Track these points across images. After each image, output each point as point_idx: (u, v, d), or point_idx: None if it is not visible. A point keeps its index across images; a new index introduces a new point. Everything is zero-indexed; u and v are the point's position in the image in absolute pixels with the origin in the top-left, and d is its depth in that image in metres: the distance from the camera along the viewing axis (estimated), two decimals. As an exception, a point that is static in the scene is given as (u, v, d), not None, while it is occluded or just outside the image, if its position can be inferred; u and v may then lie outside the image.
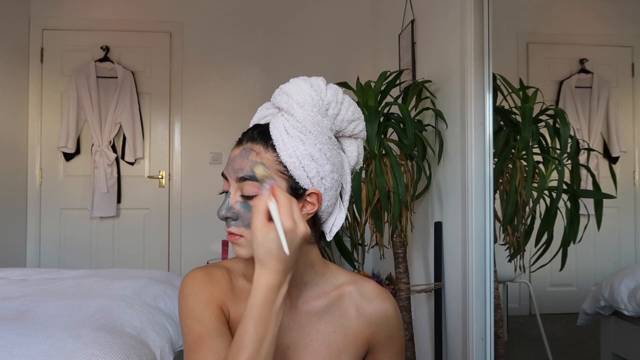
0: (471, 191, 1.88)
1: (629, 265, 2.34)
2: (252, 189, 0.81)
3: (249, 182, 0.82)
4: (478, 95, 1.87)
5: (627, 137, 2.44)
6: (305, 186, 0.84)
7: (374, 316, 0.92)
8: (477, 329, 1.85)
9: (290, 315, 0.89)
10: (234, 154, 0.85)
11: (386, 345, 0.94)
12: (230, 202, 0.83)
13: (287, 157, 0.82)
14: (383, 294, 0.94)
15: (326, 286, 0.92)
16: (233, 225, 0.83)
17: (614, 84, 2.45)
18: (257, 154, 0.83)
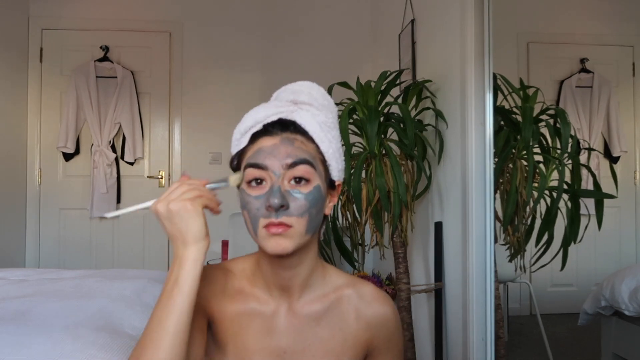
0: (471, 191, 1.87)
1: (629, 265, 2.34)
2: (308, 171, 0.80)
3: (302, 166, 0.80)
4: (478, 95, 1.87)
5: (627, 137, 2.44)
6: (334, 177, 0.88)
7: (373, 319, 0.92)
8: (478, 329, 1.84)
9: (287, 318, 0.88)
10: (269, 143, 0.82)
11: (385, 349, 0.93)
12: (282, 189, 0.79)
13: (327, 147, 0.85)
14: (382, 297, 0.94)
15: (326, 288, 0.91)
16: (284, 215, 0.78)
17: (614, 84, 2.45)
18: (302, 143, 0.83)
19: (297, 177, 0.79)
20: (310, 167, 0.81)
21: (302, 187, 0.80)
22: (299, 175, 0.79)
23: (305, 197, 0.79)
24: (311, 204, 0.80)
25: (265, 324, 0.88)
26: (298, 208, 0.79)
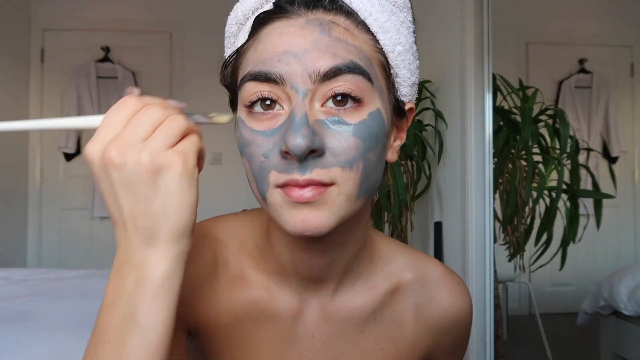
0: (471, 191, 1.88)
1: (628, 265, 2.34)
2: (360, 84, 0.46)
3: (349, 76, 0.46)
4: (478, 95, 1.88)
5: (626, 137, 2.45)
6: (403, 97, 0.54)
7: (440, 321, 0.62)
8: (477, 328, 1.85)
9: (315, 322, 0.58)
10: (287, 32, 0.47)
11: (448, 354, 0.65)
12: (309, 120, 0.45)
13: (394, 40, 0.50)
14: (456, 286, 0.63)
15: (374, 276, 0.60)
16: (317, 166, 0.45)
17: (613, 84, 2.46)
18: (348, 32, 0.48)
19: (340, 94, 0.46)
20: (364, 79, 0.47)
21: (349, 113, 0.46)
22: (343, 91, 0.46)
23: (355, 131, 0.46)
24: (367, 143, 0.46)
25: (281, 330, 0.57)
26: (343, 152, 0.45)
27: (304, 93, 0.45)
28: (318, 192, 0.45)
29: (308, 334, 0.58)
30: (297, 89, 0.45)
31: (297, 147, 0.42)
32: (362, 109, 0.46)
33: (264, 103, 0.46)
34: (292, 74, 0.45)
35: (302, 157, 0.43)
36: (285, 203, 0.46)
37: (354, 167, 0.46)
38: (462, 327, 0.63)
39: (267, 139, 0.46)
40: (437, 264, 0.64)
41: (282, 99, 0.46)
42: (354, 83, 0.46)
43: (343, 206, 0.46)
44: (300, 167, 0.44)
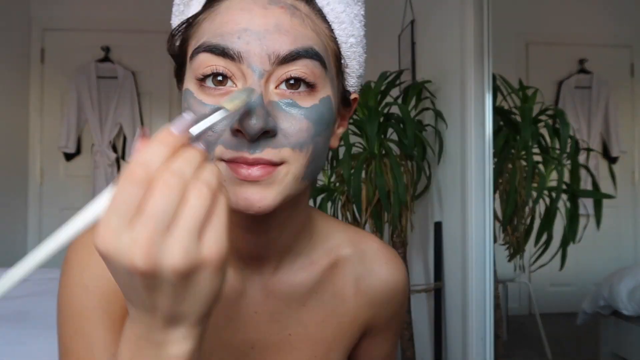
0: (471, 191, 1.88)
1: (628, 265, 2.34)
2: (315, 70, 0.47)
3: (306, 61, 0.46)
4: (478, 96, 1.88)
5: (626, 137, 2.45)
6: (350, 87, 0.55)
7: (378, 293, 0.64)
8: (477, 328, 1.85)
9: (258, 300, 0.58)
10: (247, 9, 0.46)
11: (387, 326, 0.68)
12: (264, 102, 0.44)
13: (348, 32, 0.51)
14: (393, 260, 0.65)
15: (314, 253, 0.61)
16: (268, 146, 0.45)
17: (613, 84, 2.46)
18: (308, 18, 0.48)
19: (295, 78, 0.46)
20: (320, 65, 0.47)
21: (302, 97, 0.47)
22: (299, 76, 0.46)
23: (307, 114, 0.46)
24: (317, 127, 0.47)
25: (225, 309, 0.57)
26: (295, 134, 0.46)
27: (261, 73, 0.45)
28: (267, 171, 0.45)
29: (251, 311, 0.58)
30: (254, 69, 0.45)
31: (252, 127, 0.42)
32: (314, 94, 0.47)
33: (216, 78, 0.46)
34: (250, 53, 0.45)
35: (254, 138, 0.43)
36: (230, 179, 0.45)
37: (303, 149, 0.46)
38: (399, 298, 0.66)
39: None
40: (374, 239, 0.66)
41: (236, 77, 0.46)
42: (309, 68, 0.46)
43: (289, 186, 0.47)
44: (251, 146, 0.44)
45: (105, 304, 0.51)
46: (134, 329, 0.37)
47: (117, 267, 0.33)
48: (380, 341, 0.68)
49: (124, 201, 0.32)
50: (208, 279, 0.34)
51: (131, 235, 0.32)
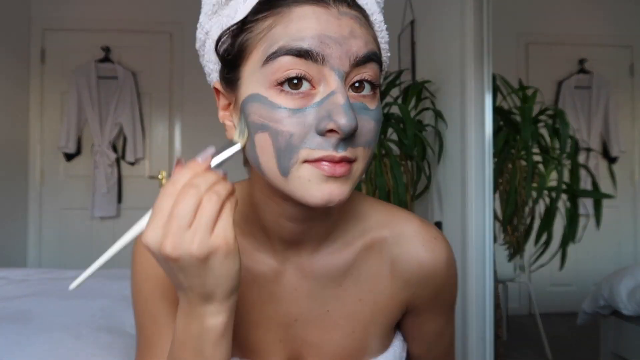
0: (471, 191, 1.88)
1: (628, 265, 2.34)
2: (378, 73, 0.52)
3: (373, 64, 0.50)
4: (478, 96, 1.88)
5: (626, 137, 2.45)
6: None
7: (414, 275, 0.64)
8: (477, 328, 1.85)
9: (295, 280, 0.64)
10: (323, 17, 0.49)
11: (431, 305, 0.67)
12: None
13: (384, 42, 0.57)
14: (431, 242, 0.65)
15: (349, 234, 0.64)
16: (350, 146, 0.49)
17: (613, 84, 2.46)
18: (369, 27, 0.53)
19: (362, 81, 0.50)
20: (379, 69, 0.52)
21: (368, 99, 0.51)
22: (369, 78, 0.50)
23: (374, 116, 0.51)
24: (378, 127, 0.52)
25: (268, 289, 0.63)
26: (366, 134, 0.50)
27: (342, 76, 0.48)
28: (347, 168, 0.49)
29: (291, 289, 0.63)
30: (336, 71, 0.48)
31: (348, 127, 0.46)
32: (375, 96, 0.51)
33: (292, 82, 0.48)
34: (332, 56, 0.48)
35: (348, 137, 0.48)
36: (316, 177, 0.49)
37: (370, 147, 0.51)
38: (440, 279, 0.65)
39: (296, 115, 0.48)
40: (413, 219, 0.66)
41: (316, 80, 0.48)
42: (375, 72, 0.50)
43: (356, 180, 0.52)
44: (337, 145, 0.48)
45: (162, 287, 0.62)
46: (182, 307, 0.50)
47: (158, 257, 0.46)
48: (427, 320, 0.69)
49: (160, 208, 0.45)
50: (221, 262, 0.45)
51: (163, 232, 0.44)
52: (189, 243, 0.44)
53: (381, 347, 0.67)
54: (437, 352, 0.73)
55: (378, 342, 0.66)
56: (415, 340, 0.71)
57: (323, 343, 0.64)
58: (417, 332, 0.70)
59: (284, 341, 0.65)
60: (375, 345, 0.66)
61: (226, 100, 0.56)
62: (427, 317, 0.69)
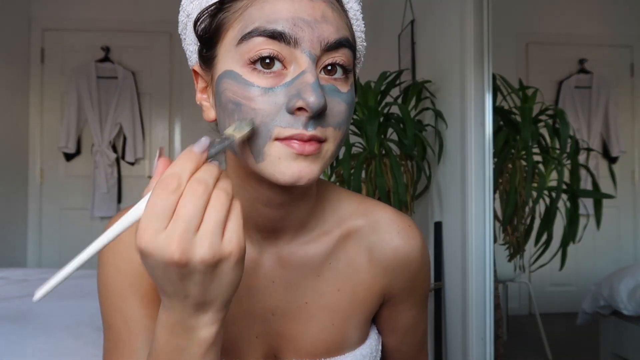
0: (471, 191, 1.88)
1: (628, 265, 2.34)
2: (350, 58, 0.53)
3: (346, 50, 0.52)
4: (478, 96, 1.88)
5: (626, 137, 2.45)
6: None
7: (392, 261, 0.65)
8: (477, 328, 1.85)
9: (273, 270, 0.63)
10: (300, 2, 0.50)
11: (406, 294, 0.69)
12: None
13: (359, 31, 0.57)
14: (406, 229, 0.66)
15: (326, 223, 0.65)
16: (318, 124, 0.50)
17: (613, 84, 2.46)
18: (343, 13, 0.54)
19: (335, 65, 0.52)
20: (352, 55, 0.53)
21: (340, 82, 0.52)
22: (342, 62, 0.52)
23: (345, 98, 0.52)
24: (349, 110, 0.53)
25: (245, 280, 0.61)
26: (337, 115, 0.51)
27: (314, 58, 0.49)
28: (317, 147, 0.50)
29: (268, 281, 0.62)
30: (307, 53, 0.49)
31: (316, 104, 0.47)
32: (348, 81, 0.53)
33: (264, 62, 0.49)
34: (305, 39, 0.49)
35: (315, 115, 0.48)
36: (285, 155, 0.49)
37: (341, 129, 0.52)
38: (413, 266, 0.67)
39: (268, 94, 0.49)
40: (387, 208, 0.68)
41: (288, 61, 0.49)
42: (347, 57, 0.52)
43: (327, 161, 0.52)
44: (307, 124, 0.49)
45: (135, 282, 0.58)
46: (169, 317, 0.44)
47: (155, 262, 0.40)
48: (404, 310, 0.70)
49: (161, 206, 0.39)
50: (231, 269, 0.42)
51: (167, 234, 0.39)
52: (200, 247, 0.40)
53: (359, 340, 0.67)
54: (410, 345, 0.74)
55: (356, 334, 0.66)
56: (391, 332, 0.72)
57: (301, 336, 0.63)
58: (393, 324, 0.71)
59: (260, 336, 0.63)
60: (353, 337, 0.66)
61: (204, 83, 0.58)
62: (403, 307, 0.70)
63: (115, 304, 0.58)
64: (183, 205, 0.40)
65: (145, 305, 0.58)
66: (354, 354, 0.66)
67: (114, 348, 0.58)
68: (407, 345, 0.73)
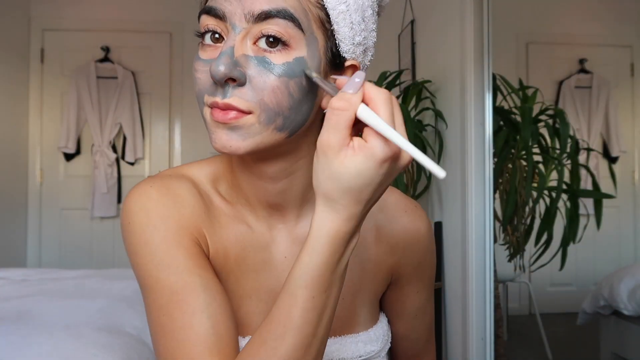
0: (471, 191, 1.88)
1: (628, 264, 2.34)
2: (288, 30, 0.52)
3: (278, 20, 0.51)
4: (478, 95, 1.88)
5: (626, 137, 2.45)
6: (345, 53, 0.58)
7: (399, 240, 0.68)
8: (477, 328, 1.85)
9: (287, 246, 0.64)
10: None
11: (414, 275, 0.70)
12: (236, 53, 0.51)
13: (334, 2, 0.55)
14: (412, 209, 0.69)
15: None
16: (236, 94, 0.51)
17: (613, 84, 2.46)
18: None
19: (269, 36, 0.51)
20: (293, 25, 0.52)
21: (276, 55, 0.52)
22: (272, 33, 0.51)
23: (277, 70, 0.51)
24: (286, 84, 0.52)
25: (262, 255, 0.64)
26: (263, 87, 0.51)
27: (238, 29, 0.52)
28: (235, 117, 0.52)
29: (281, 256, 0.64)
30: (234, 26, 0.52)
31: (215, 72, 0.49)
32: (288, 53, 0.52)
33: (214, 36, 0.54)
34: (232, 12, 0.52)
35: (221, 82, 0.51)
36: (210, 122, 0.54)
37: (272, 102, 0.52)
38: (421, 245, 0.69)
39: (206, 65, 0.53)
40: (393, 191, 0.70)
41: (225, 34, 0.53)
42: (282, 27, 0.51)
43: (259, 135, 0.53)
44: (222, 92, 0.52)
45: (176, 237, 0.58)
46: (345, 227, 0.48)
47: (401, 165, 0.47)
48: (411, 293, 0.72)
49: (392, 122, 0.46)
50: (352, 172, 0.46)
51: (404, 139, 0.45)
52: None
53: (369, 320, 0.68)
54: (419, 332, 0.75)
55: (366, 312, 0.67)
56: (399, 317, 0.73)
57: None
58: (402, 307, 0.72)
59: None
60: (363, 316, 0.67)
61: None
62: (410, 289, 0.71)
63: (160, 259, 0.57)
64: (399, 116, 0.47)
65: (191, 256, 0.58)
66: (368, 334, 0.67)
67: (171, 301, 0.55)
68: (415, 332, 0.74)
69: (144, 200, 0.59)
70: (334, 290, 0.50)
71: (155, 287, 0.57)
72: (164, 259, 0.57)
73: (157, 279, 0.57)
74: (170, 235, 0.58)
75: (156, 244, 0.57)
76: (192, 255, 0.58)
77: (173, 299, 0.55)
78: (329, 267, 0.48)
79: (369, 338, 0.67)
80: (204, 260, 0.59)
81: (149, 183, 0.61)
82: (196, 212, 0.61)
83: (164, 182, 0.62)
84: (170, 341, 0.54)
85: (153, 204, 0.59)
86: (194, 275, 0.56)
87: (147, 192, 0.60)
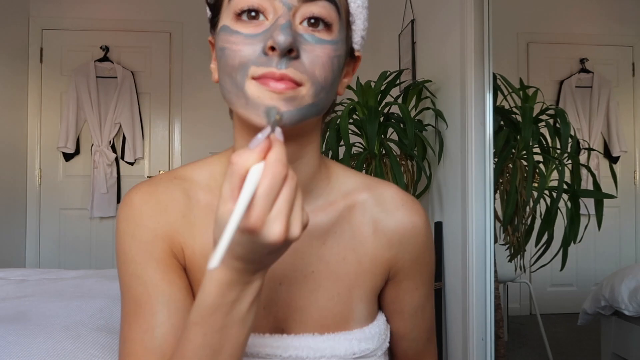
0: (471, 191, 1.87)
1: (629, 265, 2.34)
2: (332, 13, 0.55)
3: (325, 2, 0.54)
4: (478, 95, 1.87)
5: (627, 137, 2.45)
6: (355, 44, 0.63)
7: (397, 234, 0.67)
8: (478, 329, 1.85)
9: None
10: None
11: (412, 271, 0.70)
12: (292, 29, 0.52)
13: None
14: (409, 203, 0.69)
15: (331, 195, 0.67)
16: (292, 66, 0.52)
17: (614, 84, 2.45)
18: None
19: (315, 17, 0.54)
20: (335, 10, 0.55)
21: (321, 33, 0.54)
22: (319, 15, 0.54)
23: (326, 45, 0.54)
24: (333, 59, 0.55)
25: None
26: (315, 60, 0.53)
27: (290, 7, 0.53)
28: (291, 86, 0.52)
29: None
30: (284, 2, 0.53)
31: (283, 41, 0.50)
32: (331, 33, 0.55)
33: (250, 14, 0.54)
34: None
35: (284, 52, 0.51)
36: (262, 93, 0.52)
37: (322, 75, 0.54)
38: (418, 240, 0.69)
39: (249, 39, 0.53)
40: (391, 185, 0.71)
41: (268, 11, 0.53)
42: (328, 10, 0.54)
43: (307, 107, 0.53)
44: (279, 63, 0.51)
45: (149, 248, 0.60)
46: (228, 275, 0.47)
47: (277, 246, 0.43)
48: (409, 289, 0.71)
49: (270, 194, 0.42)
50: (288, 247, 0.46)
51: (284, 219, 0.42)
52: (300, 228, 0.44)
53: (365, 317, 0.67)
54: (419, 330, 0.74)
55: (362, 309, 0.67)
56: (399, 315, 0.72)
57: (308, 307, 0.64)
58: (401, 304, 0.71)
59: (268, 307, 0.64)
60: (360, 311, 0.67)
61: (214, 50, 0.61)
62: (409, 285, 0.70)
63: (132, 270, 0.60)
64: (290, 193, 0.43)
65: (161, 270, 0.60)
66: (363, 331, 0.66)
67: (134, 312, 0.59)
68: (415, 331, 0.74)
69: (127, 208, 0.62)
70: (231, 332, 0.49)
71: (127, 295, 0.60)
72: (136, 269, 0.60)
73: (128, 287, 0.60)
74: (143, 246, 0.60)
75: (132, 254, 0.60)
76: (164, 268, 0.60)
77: (135, 310, 0.59)
78: (220, 308, 0.48)
79: (365, 336, 0.66)
80: (175, 273, 0.60)
81: (137, 189, 0.64)
82: (175, 216, 0.62)
83: (150, 189, 0.63)
84: (123, 349, 0.59)
85: (133, 212, 0.62)
86: (158, 291, 0.59)
87: (131, 200, 0.63)
